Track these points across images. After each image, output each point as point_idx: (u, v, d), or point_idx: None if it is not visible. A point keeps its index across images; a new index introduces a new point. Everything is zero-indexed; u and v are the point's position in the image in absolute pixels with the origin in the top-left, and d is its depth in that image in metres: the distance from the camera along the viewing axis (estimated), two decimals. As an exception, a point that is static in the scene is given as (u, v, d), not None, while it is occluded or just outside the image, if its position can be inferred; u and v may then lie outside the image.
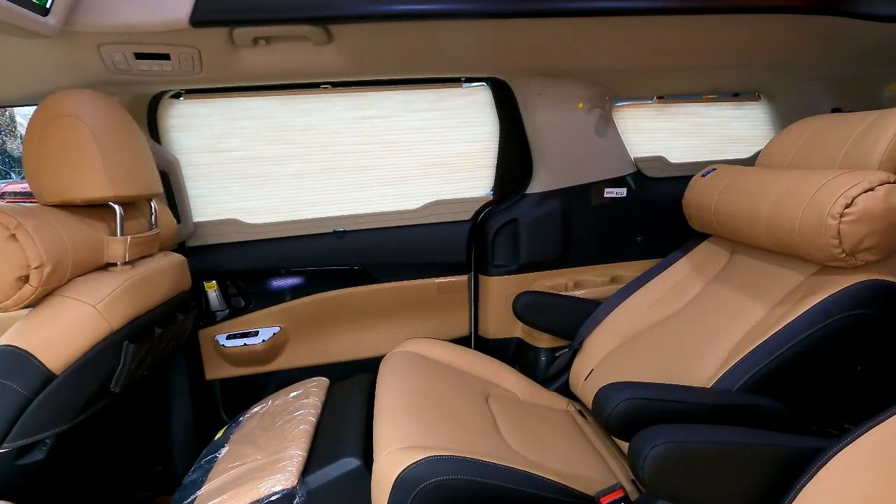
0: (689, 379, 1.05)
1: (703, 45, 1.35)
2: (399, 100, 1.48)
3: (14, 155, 10.62)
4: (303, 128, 1.46)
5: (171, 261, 1.19)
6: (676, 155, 1.63)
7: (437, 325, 1.67)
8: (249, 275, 1.54)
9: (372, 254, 1.57)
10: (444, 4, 1.10)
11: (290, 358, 1.62)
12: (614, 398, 0.81)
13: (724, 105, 1.62)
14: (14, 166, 10.29)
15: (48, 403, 0.88)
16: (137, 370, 1.06)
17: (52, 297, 0.91)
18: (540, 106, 1.44)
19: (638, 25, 1.25)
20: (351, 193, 1.55)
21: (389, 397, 1.09)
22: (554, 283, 1.60)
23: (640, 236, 1.62)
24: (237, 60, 1.17)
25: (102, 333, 0.93)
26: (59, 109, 0.94)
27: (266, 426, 1.09)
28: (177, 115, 1.40)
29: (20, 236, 0.84)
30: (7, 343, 0.85)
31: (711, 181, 1.26)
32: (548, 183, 1.53)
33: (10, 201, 7.57)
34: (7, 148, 10.53)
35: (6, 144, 10.53)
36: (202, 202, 1.49)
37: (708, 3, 1.21)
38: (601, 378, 1.27)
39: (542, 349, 1.58)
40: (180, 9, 1.00)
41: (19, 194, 7.82)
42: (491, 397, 1.26)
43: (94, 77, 1.12)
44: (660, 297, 1.34)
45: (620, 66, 1.40)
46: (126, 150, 1.03)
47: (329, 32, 1.13)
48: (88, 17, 0.97)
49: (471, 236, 1.60)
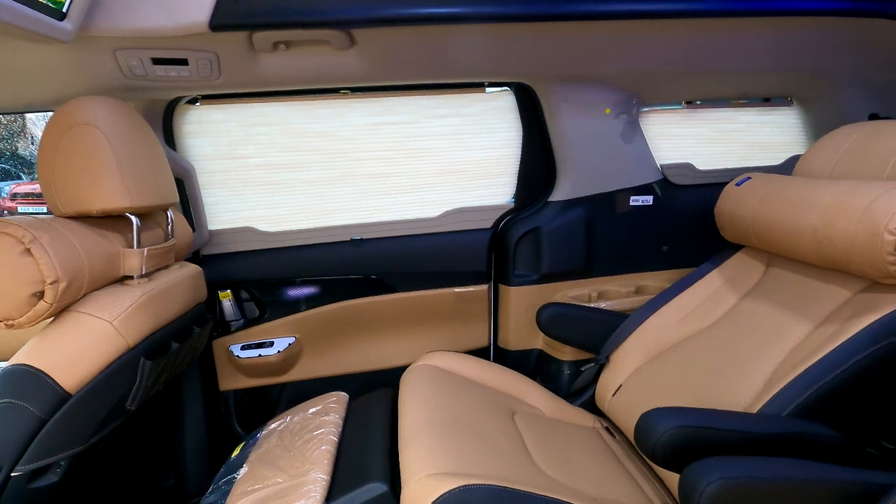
0: (727, 400, 1.00)
1: (733, 49, 1.31)
2: (419, 105, 1.44)
3: (24, 156, 10.69)
4: (320, 134, 1.42)
5: (188, 272, 1.15)
6: (704, 162, 1.58)
7: (456, 335, 1.63)
8: (264, 284, 1.51)
9: (389, 263, 1.53)
10: (471, 8, 1.06)
11: (305, 369, 1.58)
12: (660, 426, 0.76)
13: (753, 110, 1.57)
14: (24, 168, 10.36)
15: (63, 425, 0.84)
16: (153, 387, 1.03)
17: (68, 313, 0.87)
18: (565, 112, 1.40)
19: (667, 29, 1.21)
20: (369, 201, 1.51)
21: (414, 416, 1.05)
22: (577, 294, 1.55)
23: (666, 245, 1.57)
24: (256, 65, 1.13)
25: (119, 351, 0.90)
26: (76, 118, 0.90)
27: (286, 445, 1.05)
28: (192, 122, 1.37)
29: (35, 251, 0.80)
30: (21, 362, 0.82)
31: (748, 190, 1.21)
32: (571, 191, 1.49)
33: (20, 202, 7.61)
34: (19, 150, 10.61)
35: (18, 147, 10.61)
36: (217, 210, 1.45)
37: (740, 5, 1.16)
38: (631, 395, 1.23)
39: (566, 362, 1.53)
40: (199, 13, 0.97)
41: (29, 195, 7.85)
42: (517, 414, 1.21)
43: (109, 83, 1.08)
44: (691, 311, 1.29)
45: (649, 71, 1.35)
46: (143, 160, 0.99)
47: (352, 36, 1.09)
48: (105, 22, 0.94)
49: (491, 245, 1.56)
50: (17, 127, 10.58)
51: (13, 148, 10.52)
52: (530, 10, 1.09)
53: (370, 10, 1.02)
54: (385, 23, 1.05)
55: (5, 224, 0.80)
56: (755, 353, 1.04)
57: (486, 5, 1.06)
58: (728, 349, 1.10)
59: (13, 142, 10.44)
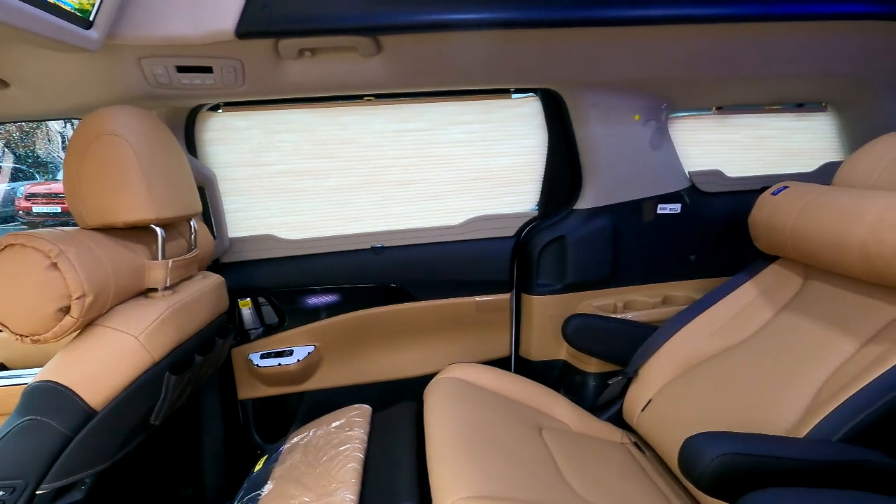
0: (766, 421, 0.96)
1: (767, 54, 1.26)
2: (443, 112, 1.41)
3: (39, 155, 10.80)
4: (343, 141, 1.40)
5: (211, 283, 1.13)
6: (734, 169, 1.53)
7: (477, 345, 1.60)
8: (284, 292, 1.49)
9: (410, 271, 1.50)
10: (500, 14, 1.03)
11: (324, 378, 1.56)
12: (709, 452, 0.73)
13: (786, 116, 1.53)
14: (39, 168, 10.47)
15: (88, 442, 0.82)
16: (178, 401, 1.01)
17: (93, 327, 0.86)
18: (593, 118, 1.36)
19: (699, 33, 1.17)
20: (390, 208, 1.48)
21: (441, 433, 1.02)
22: (601, 304, 1.52)
23: (694, 255, 1.53)
24: (281, 73, 1.11)
25: (144, 366, 0.88)
26: (101, 128, 0.89)
27: (310, 462, 1.03)
28: (215, 129, 1.35)
29: (61, 265, 0.78)
30: (48, 378, 0.80)
31: (785, 200, 1.17)
32: (597, 198, 1.45)
33: (35, 202, 7.68)
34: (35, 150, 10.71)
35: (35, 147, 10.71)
36: (238, 217, 1.44)
37: (778, 9, 1.12)
38: (661, 410, 1.19)
39: (591, 374, 1.50)
40: (225, 20, 0.95)
41: (42, 195, 7.92)
42: (544, 430, 1.18)
43: (134, 91, 1.07)
44: (723, 324, 1.25)
45: (679, 77, 1.32)
46: (168, 170, 0.97)
47: (378, 43, 1.06)
48: (130, 30, 0.92)
49: (514, 253, 1.53)
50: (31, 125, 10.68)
51: (31, 146, 10.63)
52: (559, 16, 1.06)
53: (398, 17, 1.00)
54: (413, 29, 1.02)
55: (32, 238, 0.78)
56: (796, 372, 1.00)
57: (516, 11, 1.03)
58: (765, 366, 1.07)
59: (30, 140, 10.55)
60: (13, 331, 0.79)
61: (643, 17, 1.09)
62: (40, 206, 7.84)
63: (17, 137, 10.35)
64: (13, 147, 10.17)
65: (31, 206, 7.84)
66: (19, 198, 8.00)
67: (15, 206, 8.00)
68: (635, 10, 1.08)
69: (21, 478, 0.78)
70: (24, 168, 9.72)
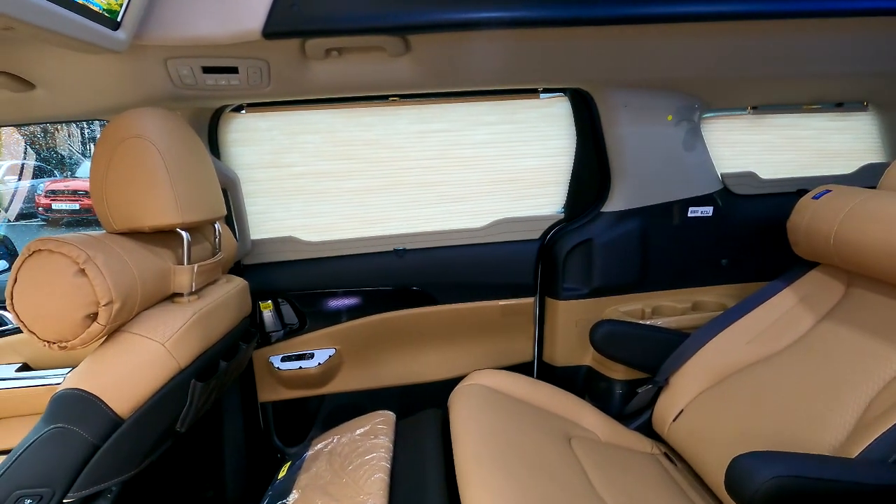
0: (810, 438, 0.92)
1: (806, 52, 1.21)
2: (468, 112, 1.38)
3: (62, 154, 10.95)
4: (366, 142, 1.38)
5: (235, 287, 1.12)
6: (768, 170, 1.48)
7: (499, 350, 1.57)
8: (305, 294, 1.47)
9: (433, 274, 1.48)
10: (531, 12, 0.99)
11: (344, 381, 1.54)
12: (761, 473, 0.69)
13: (824, 116, 1.47)
14: (59, 165, 10.62)
15: (115, 450, 0.81)
16: (203, 407, 1.00)
17: (120, 333, 0.84)
18: (624, 119, 1.32)
19: (734, 31, 1.13)
20: (413, 210, 1.46)
21: (470, 443, 0.99)
22: (629, 309, 1.48)
23: (726, 259, 1.48)
24: (307, 73, 1.09)
25: (171, 373, 0.86)
26: (128, 130, 0.87)
27: (336, 470, 1.01)
28: (238, 130, 1.33)
29: (89, 271, 0.77)
30: (75, 386, 0.79)
31: (828, 204, 1.12)
32: (626, 201, 1.41)
33: (54, 200, 7.81)
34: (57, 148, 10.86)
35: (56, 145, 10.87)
36: (260, 219, 1.42)
37: (816, 5, 1.07)
38: (694, 422, 1.15)
39: (618, 381, 1.46)
40: (253, 20, 0.93)
41: (61, 192, 8.04)
42: (573, 439, 1.15)
43: (159, 92, 1.05)
44: (760, 333, 1.20)
45: (714, 76, 1.27)
46: (194, 173, 0.96)
47: (407, 43, 1.03)
48: (157, 31, 0.91)
49: (539, 257, 1.50)
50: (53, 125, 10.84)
51: (52, 144, 10.79)
52: (591, 14, 1.02)
53: (428, 15, 0.97)
54: (444, 28, 0.99)
55: (60, 244, 0.77)
56: (841, 385, 0.95)
57: (547, 9, 1.00)
58: (807, 378, 1.02)
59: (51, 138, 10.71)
60: (41, 337, 0.78)
61: (677, 14, 1.05)
62: (59, 202, 7.97)
63: (40, 137, 10.52)
64: (36, 146, 10.34)
65: (51, 202, 7.97)
66: (39, 194, 8.14)
67: (35, 203, 8.14)
68: (669, 6, 1.03)
69: (48, 486, 0.77)
70: (44, 166, 9.88)
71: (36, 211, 8.19)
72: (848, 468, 0.73)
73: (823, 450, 0.89)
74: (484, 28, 1.01)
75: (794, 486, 0.68)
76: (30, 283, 0.76)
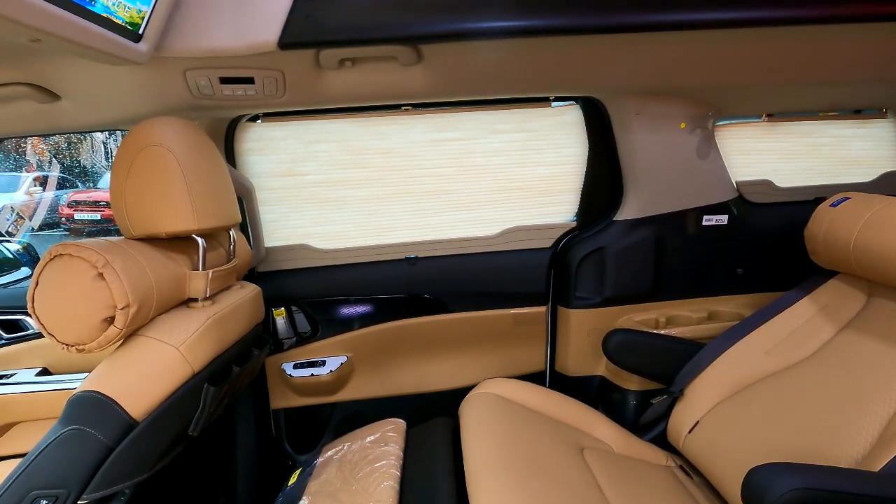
0: (831, 450, 0.89)
1: (822, 58, 1.20)
2: (481, 121, 1.39)
3: (84, 165, 11.26)
4: (380, 151, 1.39)
5: (248, 293, 1.13)
6: (784, 178, 1.46)
7: (511, 359, 1.56)
8: (318, 301, 1.48)
9: (445, 282, 1.48)
10: (543, 21, 1.00)
11: (356, 389, 1.54)
12: (778, 485, 0.67)
13: (842, 123, 1.45)
14: (82, 177, 10.92)
15: (129, 452, 0.82)
16: (216, 412, 1.00)
17: (135, 337, 0.86)
18: (637, 126, 1.32)
19: (748, 38, 1.12)
20: (426, 219, 1.46)
21: (481, 453, 0.98)
22: (643, 319, 1.46)
23: (741, 268, 1.46)
24: (321, 83, 1.11)
25: (185, 377, 0.87)
26: (148, 139, 0.89)
27: (346, 477, 1.01)
28: (253, 139, 1.36)
29: (107, 275, 0.79)
30: (91, 388, 0.80)
31: (847, 212, 1.10)
32: (640, 209, 1.40)
33: (76, 210, 8.01)
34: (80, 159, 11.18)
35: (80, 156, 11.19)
36: (274, 227, 1.44)
37: (832, 11, 1.06)
38: (711, 434, 1.13)
39: (631, 391, 1.44)
40: (269, 31, 0.95)
41: (84, 203, 8.25)
42: (586, 450, 1.13)
43: (178, 102, 1.08)
44: (778, 343, 1.18)
45: (728, 83, 1.26)
46: (210, 181, 0.98)
47: (419, 52, 1.05)
48: (177, 43, 0.93)
49: (551, 265, 1.49)
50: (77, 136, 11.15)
51: (77, 155, 11.11)
52: (603, 22, 1.02)
53: (440, 25, 0.98)
54: (455, 37, 1.00)
55: (79, 248, 0.79)
56: (863, 396, 0.93)
57: (558, 18, 1.00)
58: (828, 388, 0.99)
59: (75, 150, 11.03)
60: (59, 339, 0.80)
61: (690, 22, 1.04)
62: (82, 213, 8.18)
63: (65, 148, 10.84)
64: (60, 157, 10.66)
65: (74, 213, 8.19)
66: (62, 205, 8.37)
67: (59, 213, 8.37)
68: (681, 14, 1.03)
69: (64, 487, 0.78)
70: (69, 177, 10.17)
71: (59, 221, 8.42)
72: (869, 482, 0.70)
73: (845, 462, 0.86)
74: (494, 37, 1.01)
75: (813, 499, 0.66)
76: (50, 286, 0.78)
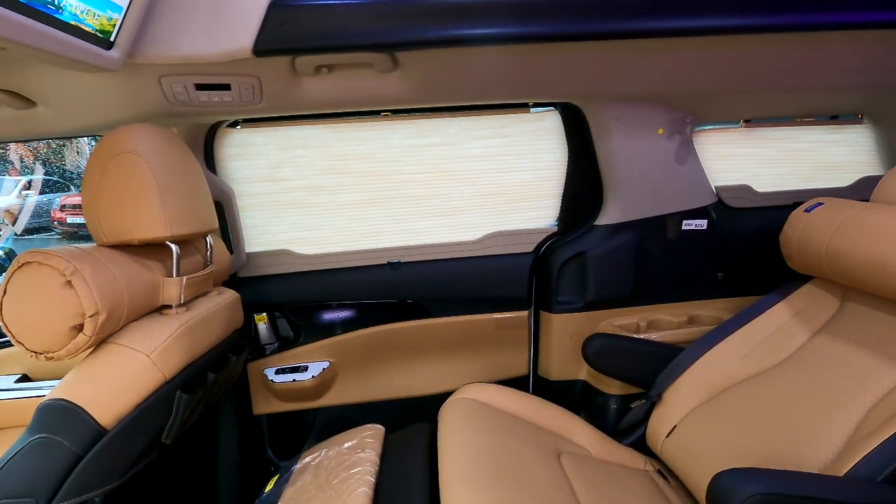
0: (802, 454, 0.90)
1: (798, 65, 1.21)
2: (461, 127, 1.40)
3: (68, 169, 11.20)
4: (360, 156, 1.40)
5: (225, 299, 1.13)
6: (763, 183, 1.47)
7: (494, 363, 1.56)
8: (300, 307, 1.48)
9: (427, 287, 1.48)
10: (518, 28, 1.00)
11: (339, 394, 1.54)
12: (741, 490, 0.68)
13: (819, 128, 1.46)
14: (71, 180, 10.87)
15: (98, 460, 0.82)
16: (189, 419, 1.00)
17: (106, 344, 0.86)
18: (615, 132, 1.33)
19: (725, 45, 1.13)
20: (407, 224, 1.47)
21: (455, 458, 0.99)
22: (624, 323, 1.46)
23: (721, 272, 1.47)
24: (298, 89, 1.11)
25: (156, 384, 0.87)
26: (120, 146, 0.89)
27: (321, 484, 1.01)
28: (233, 145, 1.36)
29: (76, 283, 0.79)
30: (59, 396, 0.80)
31: (820, 217, 1.11)
32: (620, 214, 1.41)
33: (68, 213, 7.97)
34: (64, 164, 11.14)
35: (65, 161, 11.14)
36: (255, 232, 1.44)
37: (808, 19, 1.07)
38: (687, 438, 1.13)
39: (612, 396, 1.44)
40: (243, 38, 0.95)
41: (75, 207, 8.20)
42: (563, 455, 1.14)
43: (154, 109, 1.08)
44: (754, 347, 1.18)
45: (705, 89, 1.27)
46: (185, 187, 0.98)
47: (395, 59, 1.05)
48: (151, 49, 0.93)
49: (533, 270, 1.49)
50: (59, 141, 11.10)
51: (62, 160, 11.07)
52: (579, 30, 1.03)
53: (415, 33, 0.98)
54: (430, 45, 1.01)
55: (48, 256, 0.79)
56: (834, 401, 0.93)
57: (534, 25, 1.01)
58: (800, 393, 1.00)
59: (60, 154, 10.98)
60: (28, 347, 0.80)
61: (666, 29, 1.05)
62: (74, 216, 8.14)
63: (46, 152, 10.80)
64: (44, 161, 10.61)
65: (66, 216, 8.14)
66: (55, 209, 8.32)
67: (51, 217, 8.32)
68: (658, 21, 1.04)
69: (31, 496, 0.77)
70: (61, 180, 10.12)
71: (52, 225, 8.37)
72: (833, 486, 0.71)
73: (815, 467, 0.87)
74: (470, 45, 1.02)
75: (775, 503, 0.67)
76: (18, 294, 0.78)
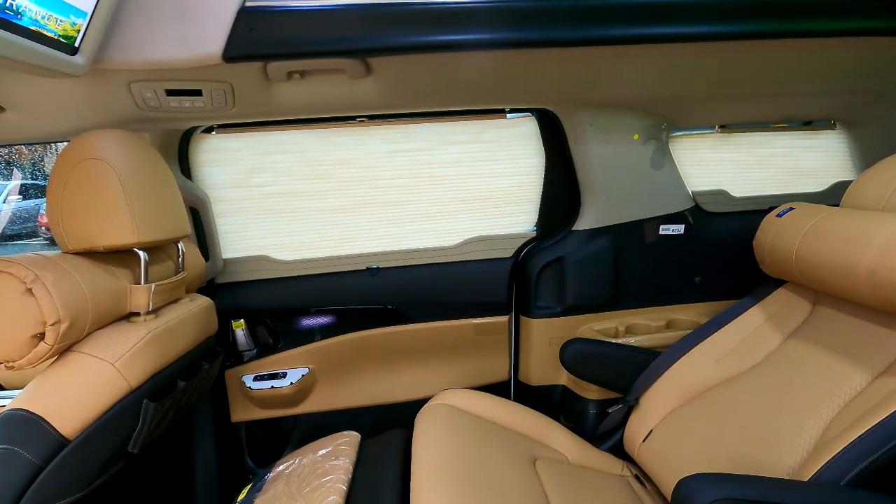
0: (770, 459, 0.90)
1: (772, 71, 1.23)
2: (438, 132, 1.40)
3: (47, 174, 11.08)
4: (337, 162, 1.39)
5: (198, 306, 1.12)
6: (739, 188, 1.48)
7: (475, 368, 1.55)
8: (278, 313, 1.47)
9: (407, 292, 1.47)
10: (491, 34, 1.01)
11: (318, 401, 1.53)
12: (702, 496, 0.68)
13: (793, 134, 1.48)
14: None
15: (60, 472, 0.80)
16: (158, 428, 0.99)
17: (69, 353, 0.84)
18: (591, 138, 1.33)
19: (699, 52, 1.14)
20: (386, 229, 1.46)
21: (428, 465, 0.98)
22: (603, 327, 1.47)
23: (699, 277, 1.48)
24: (270, 95, 1.11)
25: (121, 393, 0.86)
26: (86, 152, 0.88)
27: (293, 493, 1.00)
28: (208, 150, 1.35)
29: (36, 291, 0.77)
30: (19, 407, 0.78)
31: (790, 222, 1.12)
32: (597, 219, 1.41)
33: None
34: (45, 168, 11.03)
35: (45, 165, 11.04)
36: (233, 238, 1.43)
37: (780, 27, 1.08)
38: (663, 442, 1.13)
39: (591, 401, 1.44)
40: (213, 44, 0.94)
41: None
42: (539, 461, 1.13)
43: (124, 115, 1.07)
44: (729, 351, 1.19)
45: (680, 95, 1.28)
46: (154, 193, 0.97)
47: (368, 65, 1.05)
48: (118, 55, 0.92)
49: (512, 275, 1.49)
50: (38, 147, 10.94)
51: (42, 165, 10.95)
52: (553, 36, 1.03)
53: (386, 39, 0.98)
54: (401, 51, 1.01)
55: (8, 263, 0.77)
56: (803, 405, 0.94)
57: (509, 31, 1.01)
58: (771, 398, 1.01)
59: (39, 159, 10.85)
60: None
61: (641, 36, 1.06)
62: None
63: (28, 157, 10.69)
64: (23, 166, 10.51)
65: (52, 222, 8.03)
66: (42, 213, 8.22)
67: (38, 223, 8.23)
68: (633, 28, 1.05)
69: None
70: (44, 184, 10.00)
71: (38, 230, 8.27)
72: (796, 490, 0.71)
73: (783, 471, 0.87)
74: (443, 51, 1.02)
75: (737, 509, 0.67)
76: None
